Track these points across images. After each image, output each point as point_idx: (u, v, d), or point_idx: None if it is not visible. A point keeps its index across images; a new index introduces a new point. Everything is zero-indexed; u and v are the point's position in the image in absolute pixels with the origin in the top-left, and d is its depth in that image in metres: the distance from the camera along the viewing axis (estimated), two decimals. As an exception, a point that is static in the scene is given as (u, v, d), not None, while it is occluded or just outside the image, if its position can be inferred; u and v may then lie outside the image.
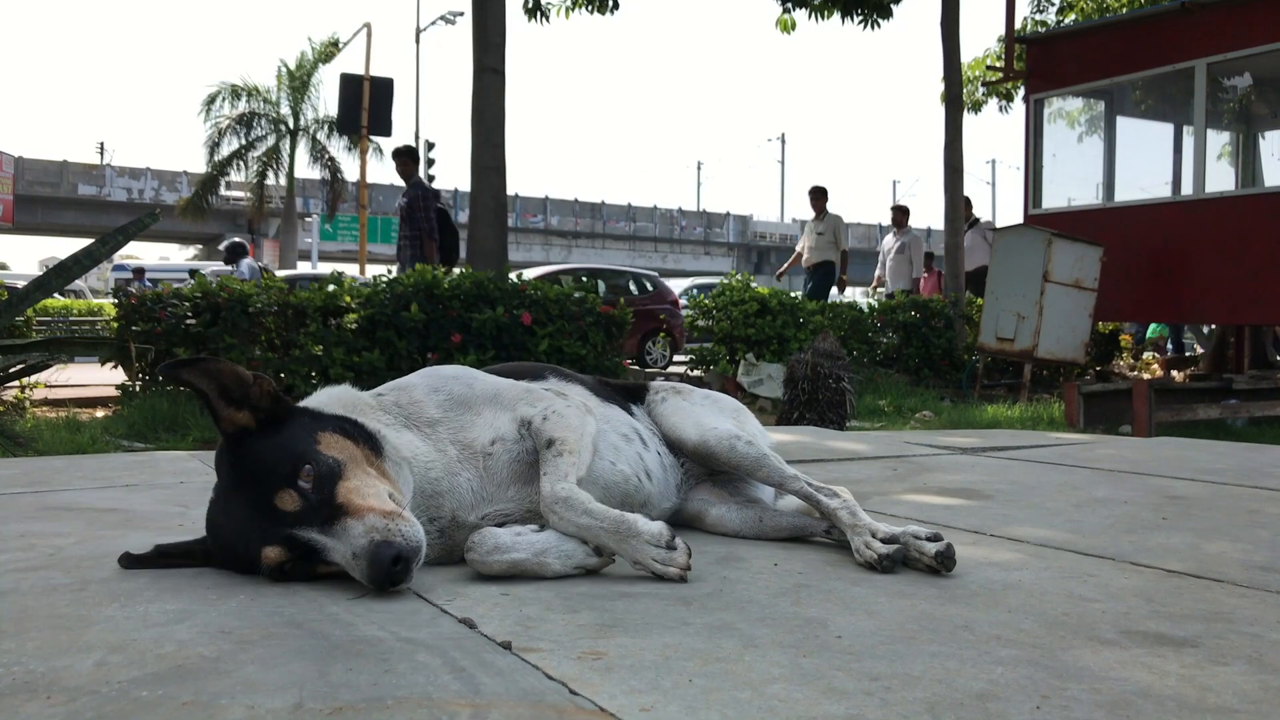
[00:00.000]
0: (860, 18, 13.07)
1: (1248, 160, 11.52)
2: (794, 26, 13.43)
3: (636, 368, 10.31)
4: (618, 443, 2.03)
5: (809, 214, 13.09)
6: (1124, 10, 14.75)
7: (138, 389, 6.54)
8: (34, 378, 6.08)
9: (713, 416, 2.19)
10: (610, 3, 12.04)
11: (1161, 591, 1.74)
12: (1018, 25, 13.52)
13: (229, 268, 14.91)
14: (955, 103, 11.87)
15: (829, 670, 1.29)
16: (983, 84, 15.99)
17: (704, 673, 1.27)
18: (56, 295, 18.87)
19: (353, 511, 1.55)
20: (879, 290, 13.69)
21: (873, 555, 1.84)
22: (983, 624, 1.51)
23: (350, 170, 31.06)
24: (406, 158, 9.86)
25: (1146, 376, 10.50)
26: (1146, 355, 13.61)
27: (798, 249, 13.07)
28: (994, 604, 1.63)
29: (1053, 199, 11.48)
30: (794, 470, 2.05)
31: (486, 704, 1.15)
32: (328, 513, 1.56)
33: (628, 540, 1.69)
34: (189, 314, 6.72)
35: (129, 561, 1.75)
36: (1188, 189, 10.31)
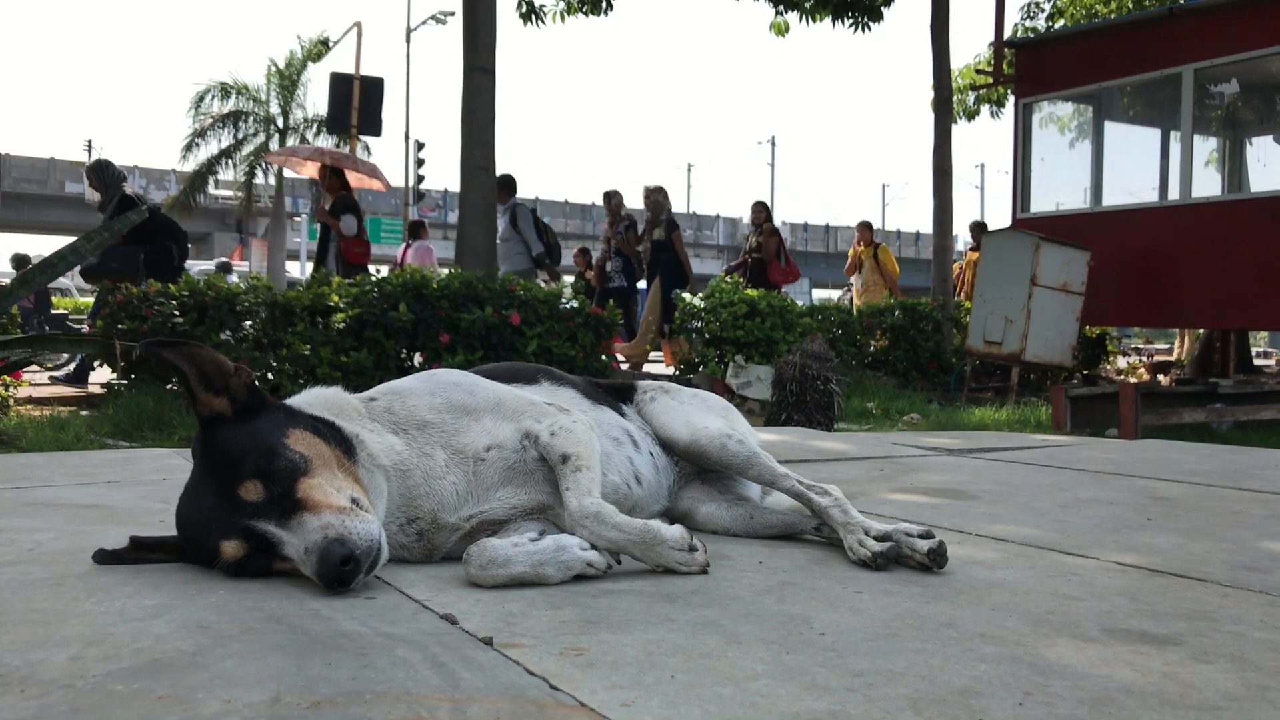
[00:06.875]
0: (851, 21, 13.12)
1: (1234, 166, 11.59)
2: (787, 29, 13.47)
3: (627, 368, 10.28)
4: (609, 449, 2.02)
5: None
6: (1113, 16, 14.84)
7: (123, 388, 6.50)
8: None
9: (702, 415, 2.19)
10: (604, 4, 12.04)
11: (1145, 590, 1.74)
12: (1008, 31, 13.58)
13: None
14: (944, 106, 11.91)
15: (812, 667, 1.28)
16: (972, 88, 16.03)
17: (686, 669, 1.26)
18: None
19: (310, 507, 1.54)
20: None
21: (866, 553, 1.84)
22: (967, 621, 1.51)
23: (340, 170, 30.92)
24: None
25: (1133, 380, 10.55)
26: (1133, 359, 13.68)
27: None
28: (978, 602, 1.63)
29: (1041, 203, 11.53)
30: (784, 469, 2.04)
31: (466, 699, 1.14)
32: (286, 506, 1.55)
33: (654, 548, 1.73)
34: (175, 312, 6.68)
35: (103, 557, 1.74)
36: (1175, 194, 10.36)
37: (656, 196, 11.21)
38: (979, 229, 13.22)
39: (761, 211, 12.18)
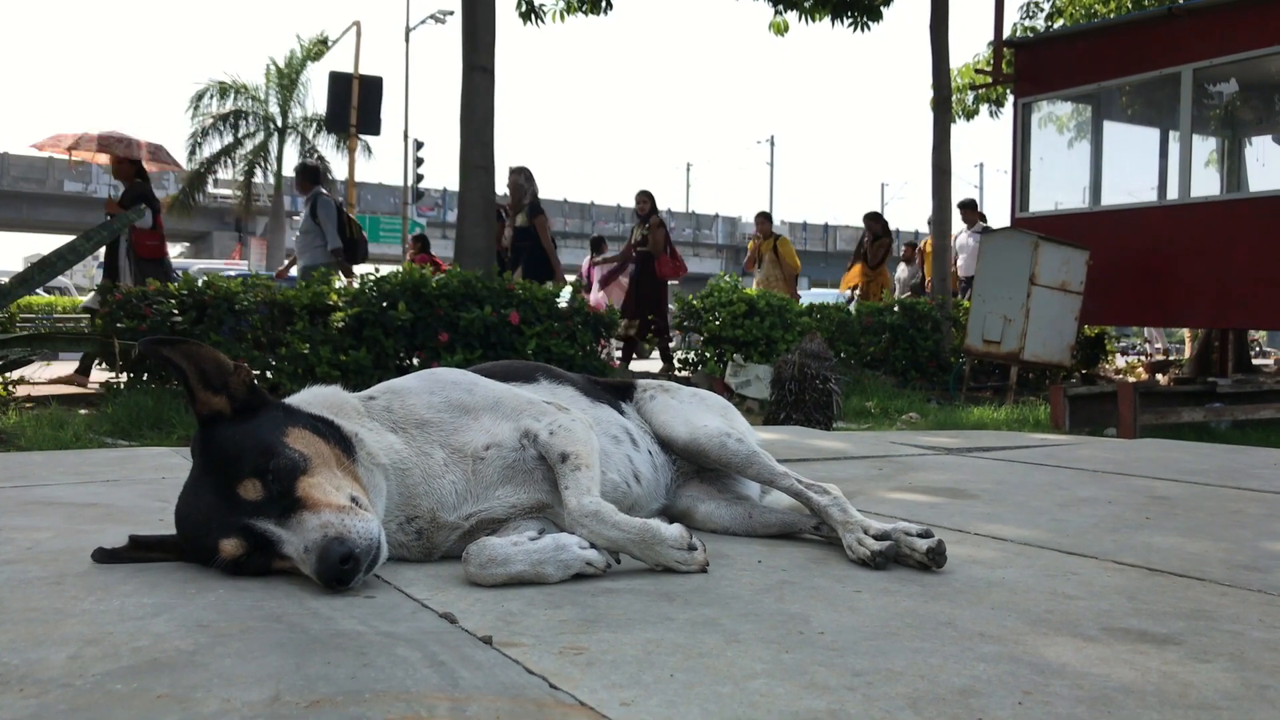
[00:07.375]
0: (850, 20, 13.10)
1: (1233, 165, 11.60)
2: (787, 29, 13.46)
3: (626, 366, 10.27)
4: (608, 447, 2.03)
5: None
6: (1112, 15, 14.84)
7: (122, 386, 6.49)
8: (16, 373, 6.04)
9: (702, 414, 2.19)
10: (604, 4, 12.03)
11: (1144, 589, 1.75)
12: (1007, 31, 13.58)
13: None
14: (944, 106, 11.90)
15: (811, 666, 1.28)
16: (971, 87, 16.02)
17: (685, 668, 1.26)
18: (40, 292, 18.77)
19: (310, 506, 1.54)
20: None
21: (865, 552, 1.84)
22: (966, 621, 1.51)
23: (338, 169, 30.92)
24: None
25: (1132, 379, 10.55)
26: (1131, 358, 13.67)
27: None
28: (977, 601, 1.63)
29: (1040, 202, 11.53)
30: (784, 468, 2.05)
31: (465, 697, 1.14)
32: (286, 505, 1.55)
33: (653, 547, 1.73)
34: (174, 311, 6.68)
35: (102, 556, 1.74)
36: (1173, 194, 10.37)
37: (517, 178, 10.04)
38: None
39: (646, 203, 11.47)
